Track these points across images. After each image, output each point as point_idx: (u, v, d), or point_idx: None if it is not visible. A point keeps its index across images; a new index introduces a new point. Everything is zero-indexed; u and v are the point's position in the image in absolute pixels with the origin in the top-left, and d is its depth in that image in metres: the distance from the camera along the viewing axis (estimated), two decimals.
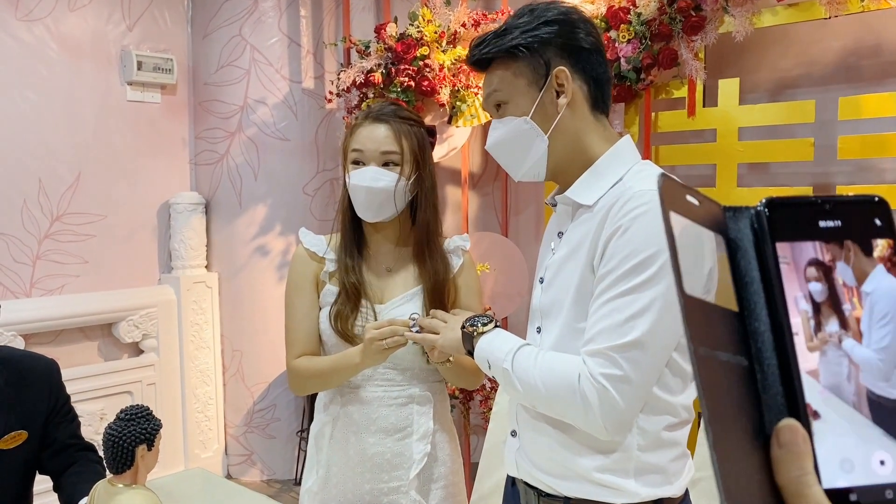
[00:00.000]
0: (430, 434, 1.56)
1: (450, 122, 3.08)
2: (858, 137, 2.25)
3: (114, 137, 3.51)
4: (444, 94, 2.98)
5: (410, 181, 1.53)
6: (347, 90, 3.19)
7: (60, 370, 1.78)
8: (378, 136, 1.52)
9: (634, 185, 1.12)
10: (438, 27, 3.00)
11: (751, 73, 2.68)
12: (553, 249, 1.25)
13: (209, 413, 3.76)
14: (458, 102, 3.03)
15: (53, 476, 1.72)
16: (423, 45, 2.98)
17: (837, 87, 2.52)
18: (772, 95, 2.68)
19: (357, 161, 1.54)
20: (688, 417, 1.19)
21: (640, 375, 1.07)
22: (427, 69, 2.96)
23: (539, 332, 1.25)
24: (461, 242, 1.65)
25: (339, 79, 3.21)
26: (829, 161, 2.40)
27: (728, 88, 2.49)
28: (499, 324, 1.31)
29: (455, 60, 3.00)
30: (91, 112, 3.43)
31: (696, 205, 0.42)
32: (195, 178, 3.81)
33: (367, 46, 3.16)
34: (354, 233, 1.60)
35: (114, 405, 2.99)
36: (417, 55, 2.97)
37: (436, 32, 2.99)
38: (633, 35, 2.50)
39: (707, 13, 2.38)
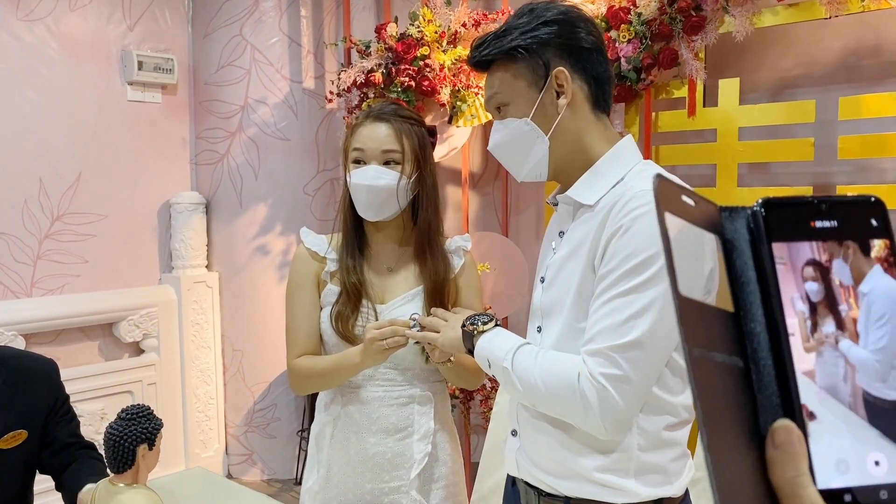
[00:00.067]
0: (431, 434, 1.56)
1: (450, 122, 3.08)
2: (859, 137, 2.24)
3: (114, 137, 3.51)
4: (445, 94, 2.98)
5: (411, 180, 1.53)
6: (348, 90, 3.19)
7: (59, 370, 1.78)
8: (379, 135, 1.52)
9: (636, 185, 1.12)
10: (439, 27, 3.00)
11: (751, 73, 2.68)
12: (554, 249, 1.25)
13: (210, 413, 3.76)
14: (459, 102, 3.03)
15: (54, 475, 1.72)
16: (424, 45, 2.98)
17: (838, 87, 2.52)
18: (772, 95, 2.67)
19: (358, 160, 1.54)
20: (688, 417, 1.19)
21: (640, 375, 1.07)
22: (427, 69, 2.96)
23: (539, 332, 1.25)
24: (462, 243, 1.65)
25: (340, 79, 3.21)
26: (830, 161, 2.40)
27: (728, 88, 2.49)
28: (499, 322, 1.31)
29: (455, 60, 3.00)
30: (92, 112, 3.43)
31: (692, 205, 0.42)
32: (196, 178, 3.81)
33: (368, 46, 3.16)
34: (356, 232, 1.60)
35: (114, 405, 3.00)
36: (418, 55, 2.97)
37: (436, 32, 2.99)
38: (634, 35, 2.51)
39: (707, 13, 2.38)
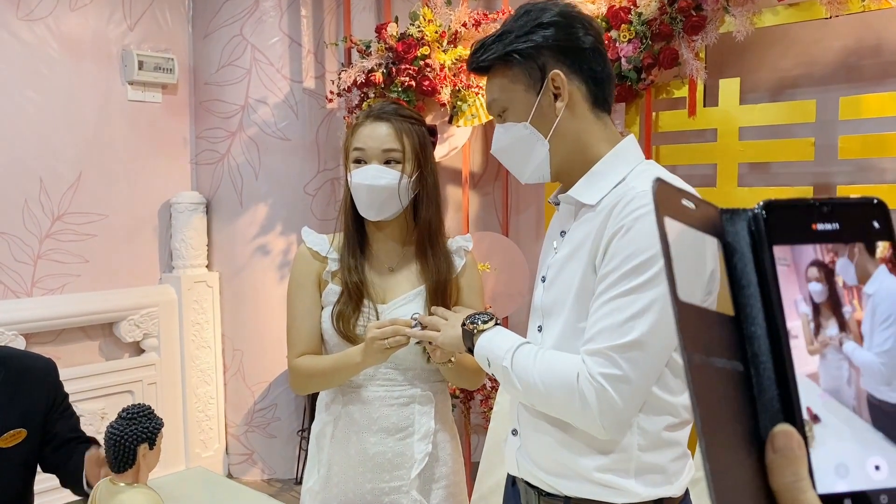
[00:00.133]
0: (432, 434, 1.56)
1: (451, 122, 3.08)
2: (859, 137, 2.24)
3: (115, 137, 3.51)
4: (445, 94, 2.98)
5: (412, 179, 1.53)
6: (348, 90, 3.19)
7: (58, 369, 1.78)
8: (379, 135, 1.52)
9: (637, 185, 1.12)
10: (439, 27, 3.00)
11: (751, 73, 2.68)
12: (555, 248, 1.25)
13: (210, 412, 3.76)
14: (459, 102, 3.03)
15: (57, 471, 1.71)
16: (424, 45, 2.98)
17: (838, 87, 2.52)
18: (772, 95, 2.67)
19: (358, 160, 1.54)
20: (688, 418, 1.18)
21: (639, 376, 1.07)
22: (428, 69, 2.96)
23: (540, 331, 1.25)
24: (464, 243, 1.65)
25: (340, 78, 3.20)
26: (830, 161, 2.40)
27: (729, 88, 2.49)
28: (499, 322, 1.31)
29: (456, 60, 3.00)
30: (92, 112, 3.43)
31: (693, 208, 0.41)
32: (196, 178, 3.81)
33: (368, 46, 3.16)
34: (357, 232, 1.60)
35: (115, 404, 2.99)
36: (418, 55, 2.97)
37: (436, 32, 2.99)
38: (634, 35, 2.50)
39: (708, 13, 2.38)
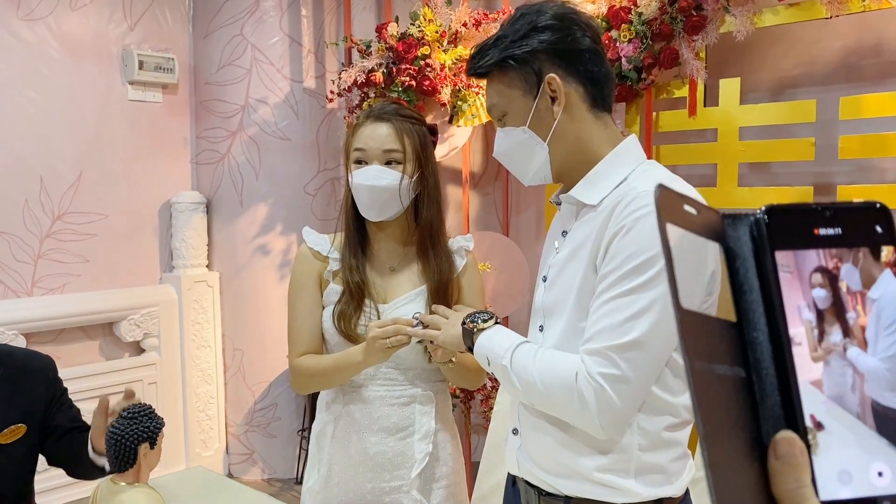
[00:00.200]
0: (432, 434, 1.56)
1: (451, 122, 3.08)
2: (859, 137, 2.24)
3: (115, 137, 3.51)
4: (446, 94, 2.98)
5: (413, 179, 1.53)
6: (348, 90, 3.19)
7: (56, 366, 1.78)
8: (380, 135, 1.52)
9: (639, 186, 1.12)
10: (439, 27, 3.00)
11: (752, 73, 2.68)
12: (557, 248, 1.25)
13: (210, 412, 3.76)
14: (460, 102, 3.03)
15: (63, 464, 1.70)
16: (425, 45, 2.98)
17: (838, 87, 2.52)
18: (773, 95, 2.67)
19: (359, 160, 1.54)
20: (689, 418, 1.18)
21: (638, 376, 1.07)
22: (428, 69, 2.96)
23: (542, 331, 1.25)
24: (465, 243, 1.65)
25: (341, 78, 3.20)
26: (830, 161, 2.40)
27: (729, 88, 2.48)
28: (499, 321, 1.31)
29: (456, 60, 3.00)
30: (92, 111, 3.43)
31: (695, 214, 0.41)
32: (196, 178, 3.81)
33: (369, 46, 3.16)
34: (358, 232, 1.60)
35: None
36: (418, 55, 2.97)
37: (437, 32, 2.99)
38: (635, 35, 2.50)
39: (708, 13, 2.38)
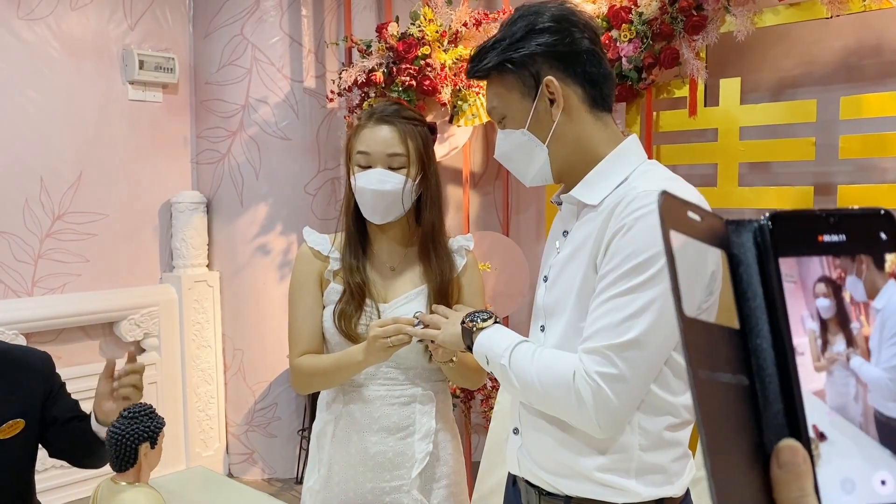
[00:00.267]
0: (433, 433, 1.56)
1: (451, 122, 3.08)
2: (860, 137, 2.24)
3: (115, 136, 3.51)
4: (446, 94, 2.98)
5: (416, 182, 1.54)
6: (349, 89, 3.19)
7: (57, 368, 1.77)
8: (384, 138, 1.51)
9: (639, 185, 1.12)
10: (440, 26, 3.00)
11: (752, 73, 2.68)
12: (558, 248, 1.25)
13: (210, 412, 3.76)
14: (460, 102, 3.03)
15: (65, 455, 1.70)
16: (425, 45, 2.98)
17: (839, 87, 2.52)
18: (773, 95, 2.67)
19: (363, 164, 1.53)
20: (689, 418, 1.18)
21: (636, 375, 1.07)
22: (428, 68, 2.96)
23: (543, 331, 1.25)
24: (465, 242, 1.65)
25: (341, 78, 3.20)
26: (831, 160, 2.40)
27: (729, 88, 2.48)
28: (499, 320, 1.31)
29: (456, 60, 3.00)
30: (93, 111, 3.43)
31: (698, 221, 0.41)
32: (196, 177, 3.81)
33: (369, 46, 3.16)
34: (359, 233, 1.60)
35: None
36: (419, 54, 2.97)
37: (437, 32, 2.99)
38: (635, 34, 2.50)
39: (708, 13, 2.38)
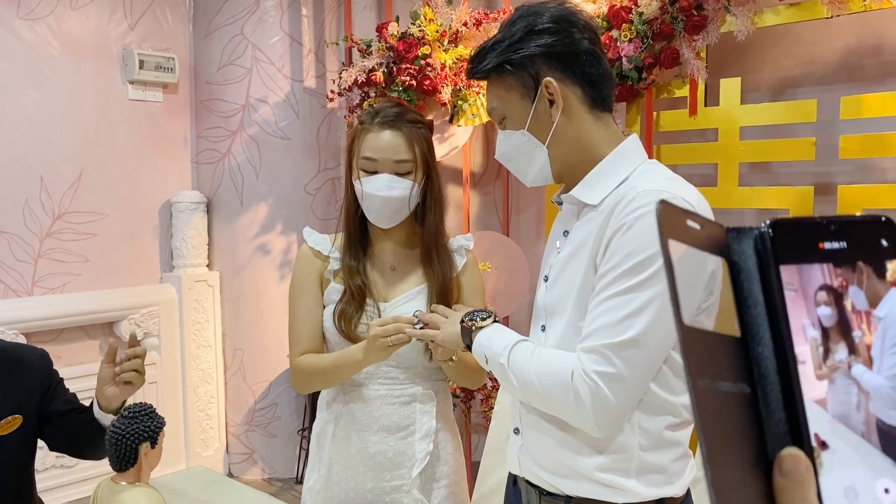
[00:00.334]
0: (433, 433, 1.56)
1: (451, 121, 3.08)
2: (860, 137, 2.24)
3: (115, 136, 3.51)
4: (446, 94, 2.98)
5: (421, 186, 1.54)
6: (349, 89, 3.19)
7: (56, 368, 1.77)
8: (391, 145, 1.51)
9: (639, 185, 1.12)
10: (440, 26, 3.00)
11: (752, 73, 2.68)
12: (558, 248, 1.25)
13: (210, 411, 3.76)
14: (460, 101, 3.03)
15: (66, 447, 1.69)
16: (425, 45, 2.98)
17: (839, 87, 2.52)
18: (773, 95, 2.67)
19: (369, 169, 1.53)
20: (689, 418, 1.18)
21: (634, 374, 1.07)
22: (429, 68, 2.96)
23: (544, 331, 1.25)
24: (465, 242, 1.65)
25: (341, 78, 3.20)
26: (831, 160, 2.40)
27: (730, 88, 2.48)
28: (498, 319, 1.31)
29: (457, 59, 3.00)
30: (93, 111, 3.43)
31: (698, 229, 0.41)
32: (197, 177, 3.81)
33: (369, 45, 3.16)
34: (360, 234, 1.60)
35: None
36: (419, 54, 2.97)
37: (437, 31, 2.99)
38: (635, 34, 2.50)
39: (709, 12, 2.38)
